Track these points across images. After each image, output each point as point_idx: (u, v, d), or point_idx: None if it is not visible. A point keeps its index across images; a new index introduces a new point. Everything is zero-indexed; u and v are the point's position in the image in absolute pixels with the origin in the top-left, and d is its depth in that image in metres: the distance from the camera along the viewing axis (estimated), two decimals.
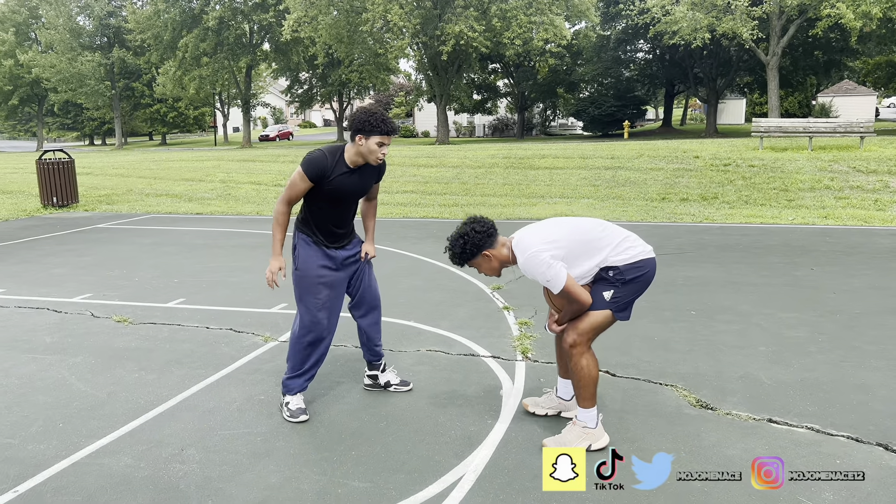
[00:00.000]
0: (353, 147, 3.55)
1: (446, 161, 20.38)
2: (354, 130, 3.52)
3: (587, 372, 3.28)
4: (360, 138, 3.50)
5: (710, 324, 5.30)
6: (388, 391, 4.09)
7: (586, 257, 3.29)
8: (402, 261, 8.14)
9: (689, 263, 7.54)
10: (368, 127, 3.47)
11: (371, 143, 3.50)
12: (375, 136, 3.49)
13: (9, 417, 3.83)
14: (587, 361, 3.29)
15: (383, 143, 3.53)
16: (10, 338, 5.33)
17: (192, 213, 13.71)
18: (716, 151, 17.96)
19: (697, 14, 27.24)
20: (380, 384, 4.13)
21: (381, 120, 3.50)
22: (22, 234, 11.18)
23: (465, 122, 56.11)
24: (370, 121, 3.47)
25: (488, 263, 3.39)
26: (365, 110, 3.53)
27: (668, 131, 41.39)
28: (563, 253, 3.24)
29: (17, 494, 3.01)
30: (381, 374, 4.14)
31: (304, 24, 33.79)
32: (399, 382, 4.15)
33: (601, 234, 3.34)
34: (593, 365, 3.30)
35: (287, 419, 3.71)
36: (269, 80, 54.79)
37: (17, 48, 51.54)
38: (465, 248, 3.36)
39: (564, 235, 3.29)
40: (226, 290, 6.80)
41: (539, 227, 3.39)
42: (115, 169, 23.87)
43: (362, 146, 3.52)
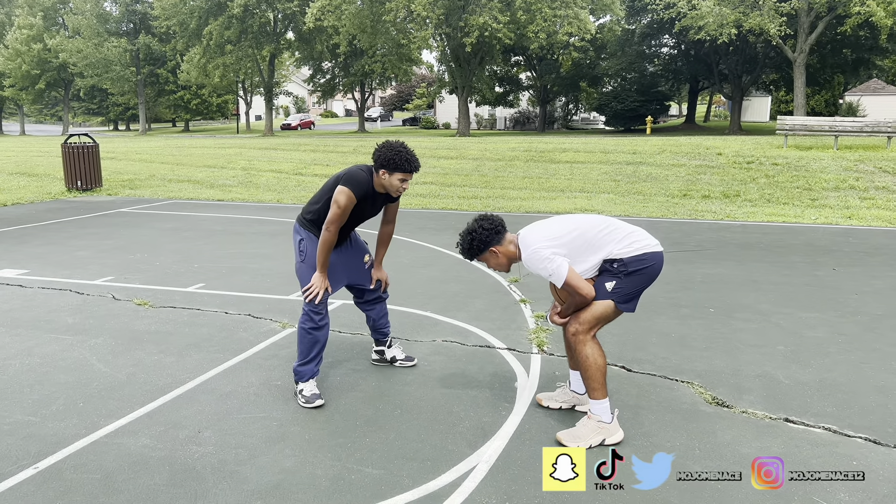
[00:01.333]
0: (377, 178, 3.69)
1: (466, 153, 20.35)
2: (379, 164, 3.64)
3: (592, 361, 3.30)
4: (384, 173, 3.64)
5: (728, 321, 5.26)
6: (404, 380, 4.12)
7: (590, 253, 3.32)
8: (420, 251, 8.15)
9: (709, 260, 7.47)
10: (393, 165, 3.60)
11: (394, 179, 3.64)
12: (399, 173, 3.63)
13: (31, 396, 3.90)
14: (591, 350, 3.31)
15: (405, 178, 3.67)
16: (33, 318, 5.42)
17: (213, 199, 13.82)
18: (739, 149, 17.77)
19: (724, 9, 26.91)
20: (386, 359, 4.33)
21: (405, 159, 3.61)
22: (47, 216, 11.34)
23: (487, 114, 55.97)
24: (395, 159, 3.59)
25: (495, 259, 3.46)
26: (391, 146, 3.64)
27: (692, 127, 40.98)
28: (566, 250, 3.28)
29: (37, 471, 3.06)
30: (387, 349, 4.34)
31: (328, 13, 33.84)
32: (404, 358, 4.34)
33: (605, 230, 3.36)
34: (598, 354, 3.32)
35: (303, 405, 3.75)
36: (291, 68, 54.98)
37: (44, 33, 52.15)
38: (473, 244, 3.43)
39: (567, 232, 3.33)
40: (245, 276, 6.86)
41: (543, 225, 3.44)
42: (139, 154, 24.11)
43: (385, 180, 3.66)
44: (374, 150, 3.69)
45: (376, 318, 4.25)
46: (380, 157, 3.63)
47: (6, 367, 4.34)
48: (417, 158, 3.70)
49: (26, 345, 4.77)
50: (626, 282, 3.30)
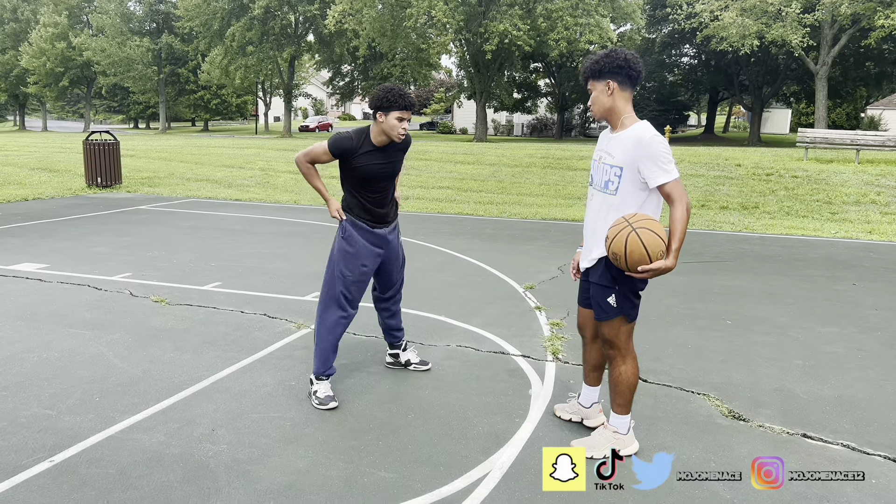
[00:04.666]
0: (376, 126, 3.65)
1: (483, 159, 20.36)
2: (374, 108, 3.61)
3: (625, 378, 3.20)
4: (381, 115, 3.60)
5: (745, 334, 5.21)
6: (418, 384, 4.11)
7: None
8: (435, 256, 8.15)
9: (726, 272, 7.41)
10: (387, 103, 3.56)
11: (391, 118, 3.58)
12: (394, 111, 3.57)
13: (48, 389, 3.93)
14: (627, 367, 3.20)
15: (403, 117, 3.60)
16: (52, 312, 5.47)
17: (231, 198, 13.91)
18: (758, 160, 17.64)
19: (747, 20, 26.75)
20: (400, 362, 4.33)
21: (398, 95, 3.58)
22: (67, 212, 11.46)
23: (504, 120, 55.98)
24: (388, 97, 3.56)
25: (603, 96, 3.13)
26: (383, 87, 3.62)
27: (710, 138, 40.76)
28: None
29: (52, 464, 3.09)
30: (402, 352, 4.34)
31: (349, 17, 34.02)
32: (419, 361, 4.35)
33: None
34: (632, 372, 3.20)
35: (316, 407, 3.76)
36: (311, 71, 55.30)
37: (69, 31, 52.88)
38: (605, 61, 3.09)
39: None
40: (262, 275, 6.89)
41: None
42: (158, 152, 24.33)
43: (383, 123, 3.61)
44: (369, 99, 3.67)
45: (393, 318, 4.25)
46: (373, 100, 3.62)
47: (25, 360, 4.38)
48: (411, 96, 3.65)
49: (45, 339, 4.81)
50: (621, 289, 3.10)
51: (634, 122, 3.13)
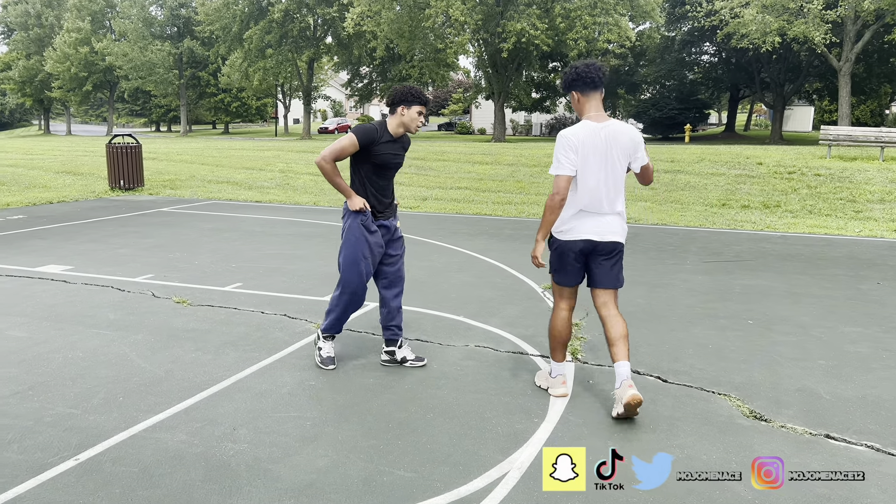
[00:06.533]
0: (396, 118, 4.12)
1: (502, 159, 20.35)
2: (397, 102, 4.10)
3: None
4: (403, 108, 4.09)
5: (767, 334, 5.16)
6: (437, 384, 4.12)
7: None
8: (454, 256, 8.16)
9: (747, 272, 7.34)
10: (411, 98, 4.08)
11: (413, 111, 4.09)
12: (416, 105, 4.09)
13: (73, 388, 4.00)
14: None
15: (422, 111, 4.13)
16: (76, 313, 5.56)
17: (251, 200, 14.03)
18: (780, 158, 17.45)
19: (768, 17, 26.45)
20: (396, 360, 4.46)
21: (419, 92, 4.11)
22: (90, 214, 11.63)
23: (522, 120, 55.84)
24: (411, 93, 4.08)
25: (575, 104, 3.80)
26: (404, 86, 4.14)
27: (731, 136, 40.37)
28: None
29: (77, 462, 3.13)
30: (398, 349, 4.46)
31: (367, 19, 34.14)
32: (414, 358, 4.47)
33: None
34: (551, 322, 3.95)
35: (318, 365, 4.28)
36: (330, 73, 55.59)
37: (92, 36, 53.61)
38: (565, 79, 3.75)
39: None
40: (282, 276, 6.94)
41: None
42: (180, 155, 24.59)
43: (405, 116, 4.10)
44: (388, 95, 4.14)
45: (393, 312, 4.41)
46: (397, 95, 4.10)
47: (50, 360, 4.45)
48: (426, 93, 4.20)
49: (69, 339, 4.89)
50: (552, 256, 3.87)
51: (628, 125, 3.78)
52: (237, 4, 41.78)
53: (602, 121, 3.66)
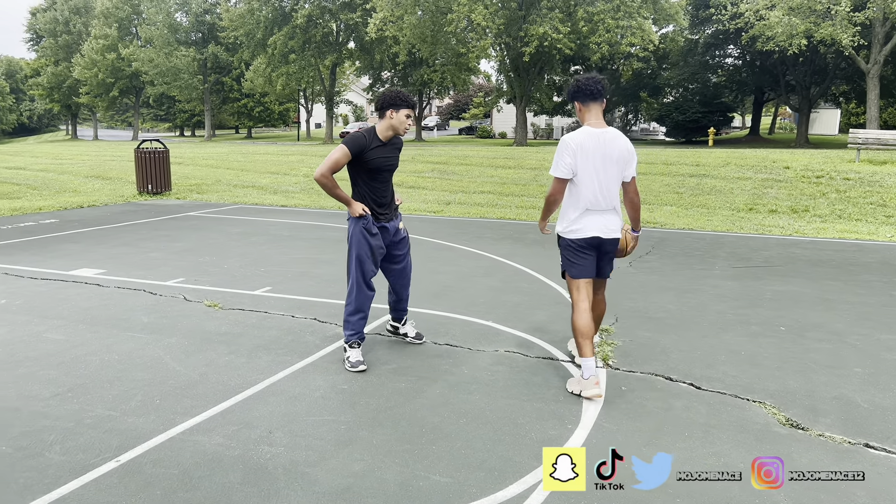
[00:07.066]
0: (385, 122, 4.35)
1: (524, 163, 20.32)
2: (385, 106, 4.32)
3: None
4: (392, 112, 4.31)
5: (800, 341, 5.10)
6: (468, 389, 4.13)
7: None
8: (480, 261, 8.16)
9: (777, 277, 7.27)
10: (399, 102, 4.29)
11: (401, 115, 4.31)
12: (403, 109, 4.31)
13: (111, 391, 4.06)
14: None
15: (409, 114, 4.34)
16: (111, 316, 5.64)
17: (276, 204, 14.14)
18: (808, 162, 17.24)
19: (794, 19, 26.16)
20: (399, 334, 4.98)
21: (406, 96, 4.34)
22: (120, 218, 11.80)
23: (543, 123, 55.73)
24: (399, 96, 4.30)
25: (578, 113, 4.19)
26: (391, 90, 4.36)
27: (756, 140, 39.95)
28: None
29: (119, 464, 3.19)
30: (401, 326, 4.97)
31: (390, 24, 34.31)
32: (414, 335, 4.94)
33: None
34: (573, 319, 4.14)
35: (348, 370, 4.38)
36: (351, 77, 55.91)
37: (118, 42, 54.45)
38: (569, 91, 4.16)
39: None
40: (310, 281, 7.00)
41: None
42: (205, 160, 24.86)
43: (393, 119, 4.32)
44: (376, 100, 4.36)
45: (400, 295, 4.84)
46: (385, 100, 4.33)
47: (88, 363, 4.53)
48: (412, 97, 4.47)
49: (105, 342, 4.97)
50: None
51: (618, 133, 4.16)
52: (261, 10, 42.20)
53: (600, 127, 4.08)
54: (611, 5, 30.78)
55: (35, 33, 67.73)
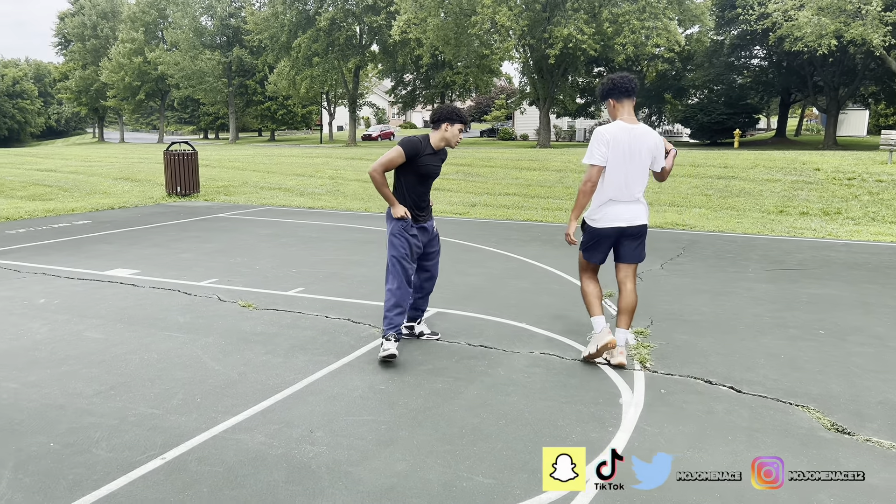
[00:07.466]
0: (439, 133, 4.64)
1: (549, 164, 20.25)
2: (442, 119, 4.63)
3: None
4: (447, 126, 4.62)
5: (841, 344, 5.02)
6: (505, 391, 4.12)
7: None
8: (508, 262, 8.14)
9: (813, 280, 7.16)
10: (455, 117, 4.64)
11: (455, 129, 4.64)
12: (458, 123, 4.65)
13: (152, 389, 4.11)
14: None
15: (462, 129, 4.69)
16: (148, 316, 5.71)
17: (303, 206, 14.23)
18: (838, 164, 16.99)
19: (824, 19, 25.81)
20: (414, 334, 5.10)
21: (461, 112, 4.70)
22: (150, 219, 11.95)
23: (566, 125, 55.54)
24: (456, 112, 4.66)
25: (610, 109, 4.48)
26: (448, 105, 4.72)
27: (782, 142, 39.46)
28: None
29: (164, 461, 3.22)
30: (416, 325, 5.11)
31: (413, 26, 34.39)
32: (430, 332, 5.11)
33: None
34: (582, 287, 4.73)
35: (381, 356, 4.53)
36: (374, 80, 56.15)
37: (145, 46, 55.17)
38: (602, 88, 4.47)
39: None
40: (341, 281, 7.03)
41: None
42: (231, 162, 25.10)
43: (447, 132, 4.63)
44: (432, 113, 4.65)
45: (419, 299, 5.01)
46: (442, 113, 4.64)
47: (128, 361, 4.59)
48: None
49: (143, 341, 5.03)
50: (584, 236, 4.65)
51: (647, 127, 4.44)
52: (285, 14, 42.54)
53: (633, 123, 4.38)
54: (636, 6, 30.59)
55: (63, 37, 68.89)
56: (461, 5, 33.26)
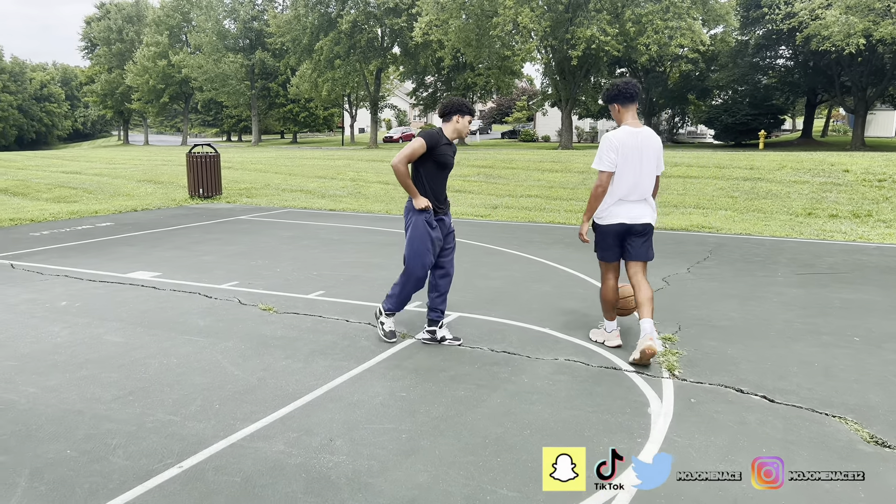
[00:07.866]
0: (451, 125, 4.85)
1: (571, 166, 20.07)
2: (453, 112, 4.81)
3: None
4: (458, 117, 4.83)
5: (877, 352, 4.85)
6: (529, 399, 4.01)
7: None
8: (530, 265, 8.03)
9: (845, 285, 6.96)
10: (465, 109, 4.84)
11: (465, 120, 4.86)
12: (468, 115, 4.86)
13: (171, 395, 4.06)
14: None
15: (472, 120, 4.93)
16: (167, 319, 5.68)
17: (325, 209, 14.21)
18: (868, 165, 16.62)
19: (852, 18, 25.34)
20: (436, 338, 5.03)
21: (470, 104, 4.90)
22: (173, 221, 11.99)
23: (587, 127, 55.20)
24: (465, 104, 4.85)
25: (615, 113, 4.67)
26: (458, 98, 4.88)
27: (808, 143, 38.83)
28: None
29: (181, 470, 3.16)
30: (438, 329, 5.05)
31: (435, 28, 34.35)
32: (452, 337, 5.05)
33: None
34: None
35: (382, 338, 5.00)
36: (395, 82, 56.24)
37: (169, 50, 55.76)
38: (607, 94, 4.66)
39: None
40: (362, 285, 6.96)
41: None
42: (253, 164, 25.21)
43: (459, 123, 4.84)
44: (440, 106, 4.87)
45: (436, 298, 5.00)
46: (452, 106, 4.81)
47: (147, 366, 4.55)
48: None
49: (163, 345, 4.99)
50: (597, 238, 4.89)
51: (651, 131, 4.70)
52: (307, 17, 42.73)
53: (638, 127, 4.62)
54: (660, 6, 30.28)
55: (90, 42, 69.91)
56: (483, 7, 33.16)
